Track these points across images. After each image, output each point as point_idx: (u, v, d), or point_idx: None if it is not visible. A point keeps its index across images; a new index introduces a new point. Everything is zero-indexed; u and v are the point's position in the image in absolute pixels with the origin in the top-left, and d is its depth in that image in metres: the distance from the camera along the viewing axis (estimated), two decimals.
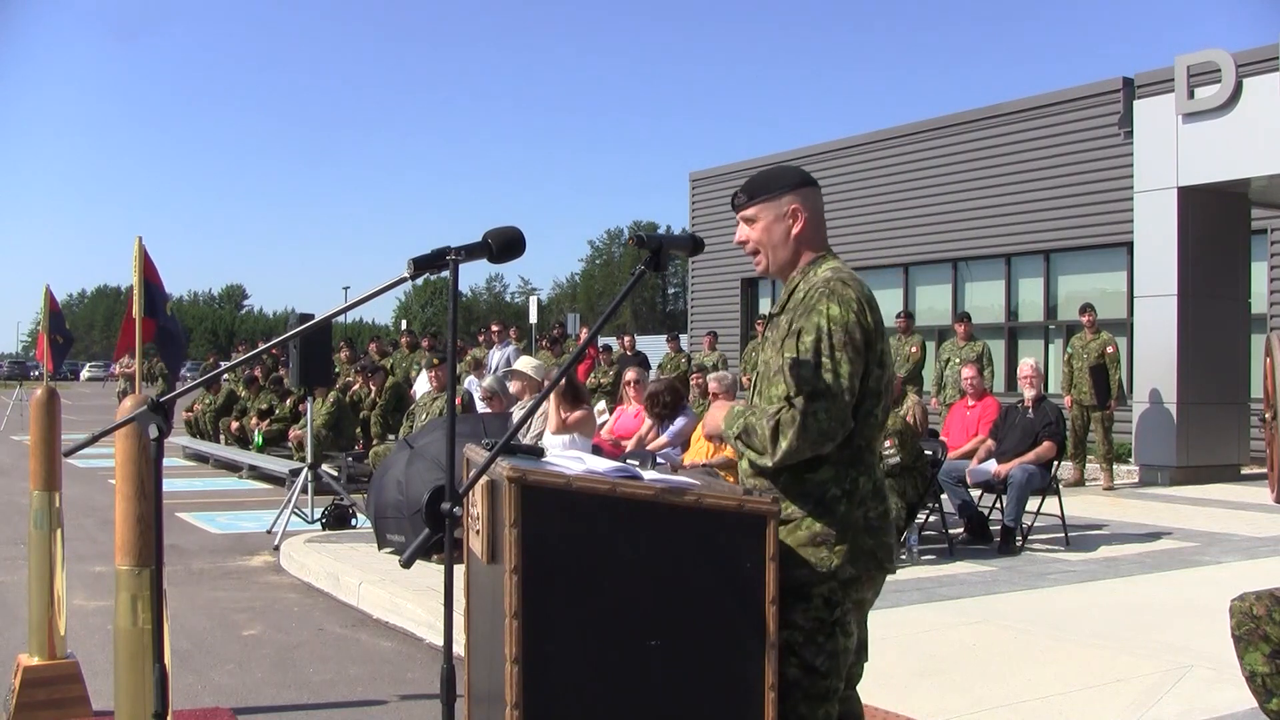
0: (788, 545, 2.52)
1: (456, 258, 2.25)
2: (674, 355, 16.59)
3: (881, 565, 2.60)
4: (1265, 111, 11.40)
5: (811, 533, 2.53)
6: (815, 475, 2.56)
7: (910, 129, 18.77)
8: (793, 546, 2.52)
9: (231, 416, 16.19)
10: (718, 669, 2.35)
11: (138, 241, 5.51)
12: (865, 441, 2.60)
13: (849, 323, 2.55)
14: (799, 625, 2.52)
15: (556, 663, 2.28)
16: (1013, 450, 8.17)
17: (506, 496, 2.26)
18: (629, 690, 2.32)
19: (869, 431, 2.61)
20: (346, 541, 8.28)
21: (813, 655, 2.53)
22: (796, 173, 2.80)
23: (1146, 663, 4.87)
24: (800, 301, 2.64)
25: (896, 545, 2.68)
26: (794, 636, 2.51)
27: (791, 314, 2.65)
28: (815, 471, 2.56)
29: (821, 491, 2.56)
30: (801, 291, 2.67)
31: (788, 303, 2.70)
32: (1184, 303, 12.14)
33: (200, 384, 3.96)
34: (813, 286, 2.63)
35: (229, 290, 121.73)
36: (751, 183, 2.76)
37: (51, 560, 4.31)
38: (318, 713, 4.73)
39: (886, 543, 2.61)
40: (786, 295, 2.73)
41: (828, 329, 2.53)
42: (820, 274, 2.67)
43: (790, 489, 2.57)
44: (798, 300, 2.66)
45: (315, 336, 9.27)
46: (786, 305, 2.70)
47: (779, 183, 2.74)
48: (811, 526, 2.54)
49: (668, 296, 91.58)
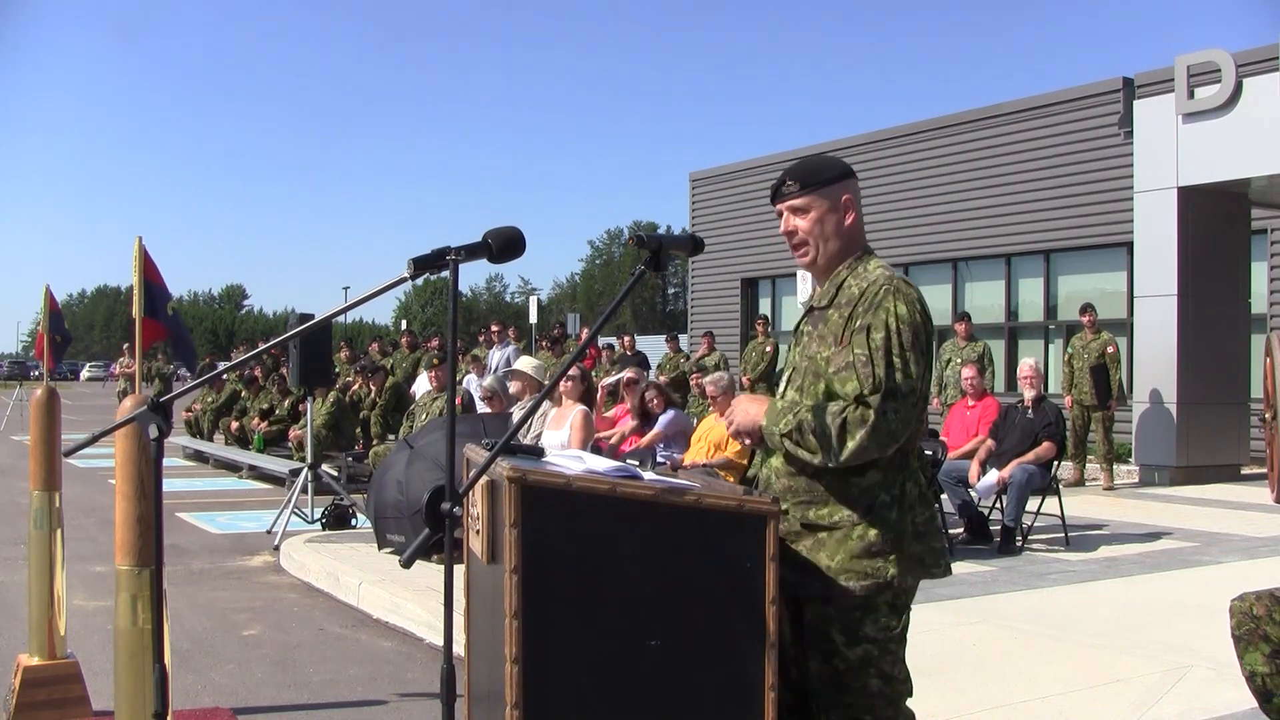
0: (840, 557, 2.47)
1: (456, 258, 2.25)
2: (673, 355, 16.58)
3: (929, 571, 2.57)
4: (1265, 111, 11.40)
5: (866, 542, 2.48)
6: (863, 480, 2.49)
7: (910, 129, 18.77)
8: (847, 557, 2.47)
9: (231, 416, 16.20)
10: (718, 669, 2.35)
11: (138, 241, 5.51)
12: (910, 445, 2.55)
13: (915, 323, 2.48)
14: (872, 638, 2.50)
15: (556, 663, 2.28)
16: (1013, 450, 8.16)
17: (506, 496, 2.26)
18: (629, 690, 2.32)
19: (913, 436, 2.56)
20: (346, 541, 8.28)
21: (890, 665, 2.52)
22: (842, 162, 2.70)
23: (1146, 663, 4.87)
24: (857, 298, 2.54)
25: (945, 550, 2.63)
26: (870, 650, 2.49)
27: (843, 310, 2.55)
28: (863, 476, 2.49)
29: (871, 498, 2.50)
30: (854, 287, 2.57)
31: (836, 297, 2.60)
32: (1184, 303, 12.14)
33: (200, 384, 3.96)
34: (871, 283, 2.54)
35: (229, 290, 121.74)
36: (801, 171, 2.63)
37: (51, 560, 4.31)
38: (318, 713, 4.73)
39: (934, 548, 2.58)
40: (834, 289, 2.61)
41: (896, 328, 2.46)
42: (875, 270, 2.58)
43: (836, 494, 2.51)
44: (851, 296, 2.56)
45: (315, 336, 9.27)
46: (835, 300, 2.59)
47: (830, 172, 2.64)
48: (864, 535, 2.48)
49: (668, 296, 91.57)
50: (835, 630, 2.50)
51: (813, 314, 2.66)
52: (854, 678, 2.50)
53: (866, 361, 2.45)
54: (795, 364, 2.67)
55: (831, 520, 2.50)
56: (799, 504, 2.56)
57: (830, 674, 2.51)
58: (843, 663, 2.50)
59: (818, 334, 2.61)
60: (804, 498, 2.55)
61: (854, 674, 2.50)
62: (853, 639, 2.49)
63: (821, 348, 2.57)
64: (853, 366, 2.47)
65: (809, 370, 2.59)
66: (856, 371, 2.46)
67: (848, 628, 2.50)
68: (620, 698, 2.32)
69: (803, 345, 2.66)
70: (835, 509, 2.51)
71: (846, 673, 2.50)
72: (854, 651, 2.49)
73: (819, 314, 2.63)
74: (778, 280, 21.12)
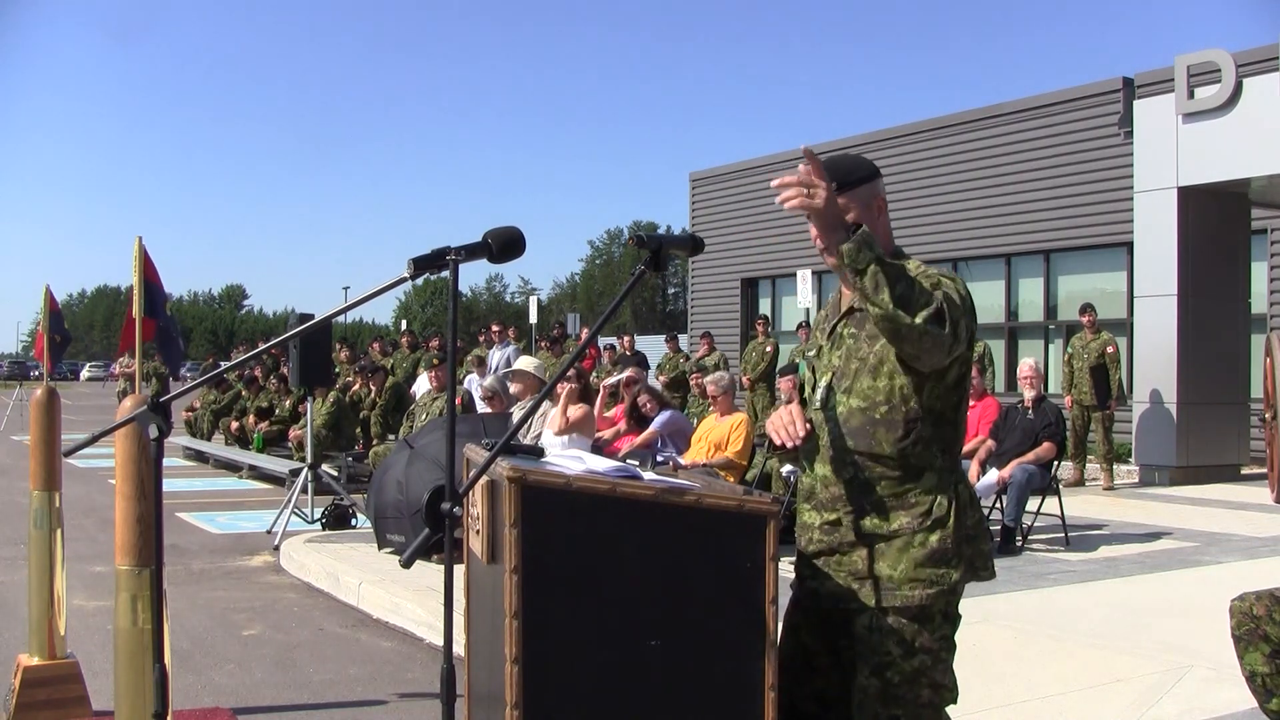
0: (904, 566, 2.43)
1: (456, 258, 2.25)
2: (673, 355, 16.58)
3: (978, 574, 2.53)
4: (1265, 111, 11.39)
5: (930, 550, 2.43)
6: (919, 485, 2.46)
7: (910, 129, 18.77)
8: (911, 566, 2.43)
9: (231, 416, 16.20)
10: (718, 669, 2.35)
11: (138, 241, 5.51)
12: (959, 449, 2.57)
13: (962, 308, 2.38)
14: (929, 648, 2.45)
15: (556, 663, 2.28)
16: (1013, 451, 8.17)
17: (506, 496, 2.26)
18: (629, 690, 2.32)
19: (961, 439, 2.57)
20: (346, 541, 8.27)
21: (941, 674, 2.47)
22: (870, 161, 2.64)
23: (1146, 663, 4.87)
24: None
25: (991, 552, 2.60)
26: (925, 661, 2.44)
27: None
28: (919, 481, 2.47)
29: (930, 503, 2.46)
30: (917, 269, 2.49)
31: None
32: (1184, 303, 12.13)
33: (200, 384, 3.95)
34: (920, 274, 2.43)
35: (229, 290, 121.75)
36: (835, 171, 2.50)
37: (51, 560, 4.31)
38: (318, 713, 4.73)
39: (983, 550, 2.55)
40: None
41: (954, 299, 2.35)
42: (921, 267, 2.50)
43: (893, 501, 2.47)
44: None
45: (315, 336, 9.27)
46: None
47: (862, 171, 2.57)
48: (927, 542, 2.44)
49: (668, 296, 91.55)
50: (892, 642, 2.44)
51: (854, 315, 2.57)
52: (907, 689, 2.44)
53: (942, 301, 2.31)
54: (837, 367, 2.57)
55: (891, 529, 2.46)
56: (850, 513, 2.50)
57: (880, 686, 2.44)
58: (897, 674, 2.44)
59: (866, 333, 2.52)
60: (855, 507, 2.49)
61: (908, 685, 2.44)
62: (909, 650, 2.44)
63: (875, 345, 2.49)
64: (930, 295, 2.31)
65: (860, 371, 2.51)
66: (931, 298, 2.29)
67: (904, 639, 2.44)
68: (620, 698, 2.32)
69: (846, 347, 2.56)
70: (893, 516, 2.46)
71: (900, 685, 2.44)
72: (910, 663, 2.44)
73: (863, 314, 2.51)
74: (778, 280, 21.12)
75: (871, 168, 2.62)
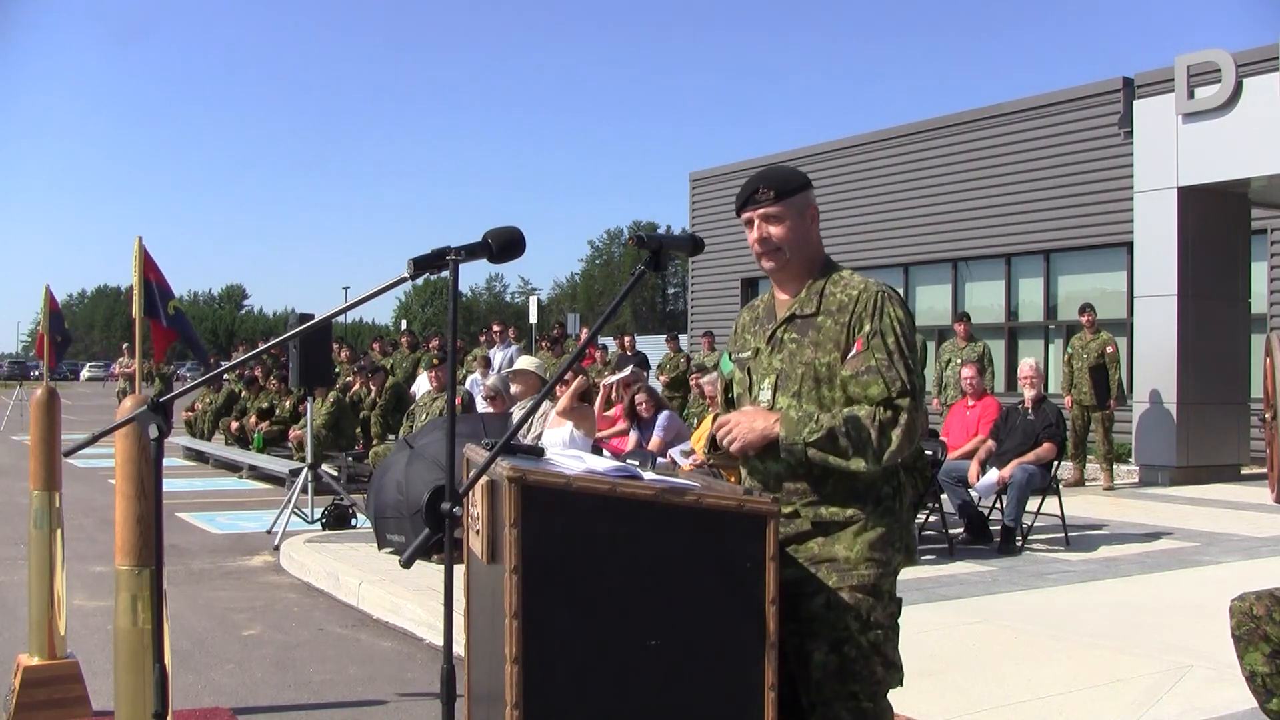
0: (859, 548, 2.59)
1: (456, 258, 2.25)
2: (673, 355, 16.58)
3: (911, 556, 2.70)
4: (1265, 111, 11.40)
5: (880, 534, 2.60)
6: (866, 476, 2.59)
7: (910, 129, 18.77)
8: (865, 547, 2.59)
9: (231, 416, 16.19)
10: (718, 669, 2.35)
11: (138, 241, 5.51)
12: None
13: (910, 327, 2.64)
14: (881, 623, 2.60)
15: (556, 663, 2.28)
16: (1013, 451, 8.17)
17: (506, 496, 2.26)
18: (629, 690, 2.32)
19: None
20: (346, 541, 8.28)
21: (890, 650, 2.62)
22: (802, 172, 2.82)
23: (1146, 663, 4.87)
24: (850, 304, 2.64)
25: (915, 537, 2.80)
26: (878, 636, 2.59)
27: (837, 316, 2.64)
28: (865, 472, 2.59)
29: (877, 492, 2.62)
30: (841, 295, 2.67)
31: (821, 304, 2.68)
32: (1184, 303, 12.14)
33: (201, 384, 3.95)
34: (861, 290, 2.65)
35: (229, 290, 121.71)
36: (774, 179, 2.71)
37: (51, 560, 4.31)
38: (318, 713, 4.73)
39: (913, 534, 2.78)
40: (816, 297, 2.69)
41: (901, 331, 2.60)
42: (855, 278, 2.71)
43: (844, 491, 2.61)
44: (841, 303, 2.65)
45: (315, 336, 9.27)
46: (822, 307, 2.67)
47: (797, 180, 2.74)
48: (878, 528, 2.60)
49: (668, 296, 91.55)
50: (850, 617, 2.57)
51: (795, 321, 2.72)
52: (863, 664, 2.57)
53: (889, 366, 2.57)
54: (780, 369, 2.71)
55: (845, 515, 2.60)
56: (808, 504, 2.63)
57: (838, 663, 2.56)
58: (854, 649, 2.56)
59: (810, 340, 2.67)
60: (812, 498, 2.63)
61: (864, 660, 2.57)
62: (865, 625, 2.57)
63: (819, 354, 2.65)
64: (875, 371, 2.57)
65: (807, 376, 2.65)
66: (882, 375, 2.56)
67: (861, 614, 2.57)
68: (620, 698, 2.32)
69: (788, 351, 2.70)
70: (845, 505, 2.60)
71: (857, 660, 2.56)
72: (866, 637, 2.57)
73: (805, 321, 2.70)
74: None
75: (804, 178, 2.79)
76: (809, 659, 2.57)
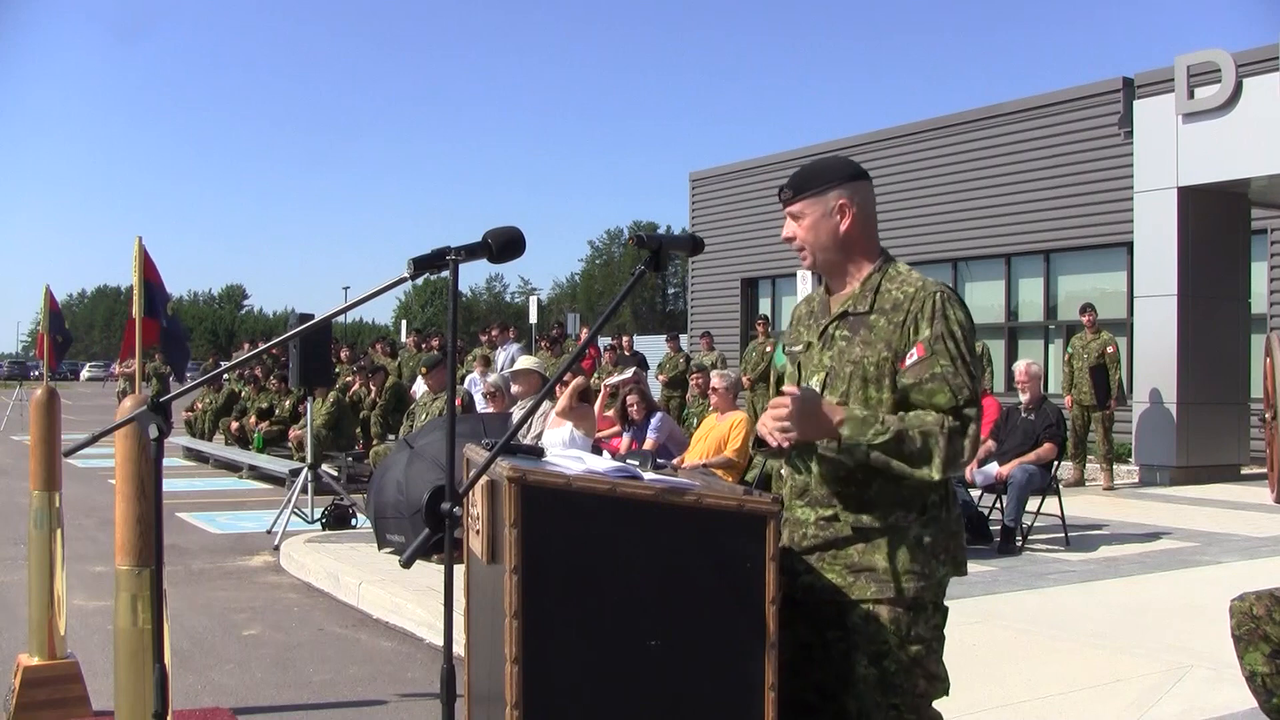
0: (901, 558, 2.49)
1: (456, 258, 2.25)
2: (673, 355, 16.58)
3: (959, 567, 2.60)
4: (1265, 111, 11.40)
5: (924, 544, 2.51)
6: (912, 482, 2.48)
7: (910, 129, 18.77)
8: (907, 558, 2.49)
9: (231, 416, 16.19)
10: (718, 669, 2.35)
11: (138, 241, 5.50)
12: None
13: (971, 331, 2.54)
14: (923, 637, 2.51)
15: (556, 663, 2.28)
16: (1014, 452, 8.17)
17: (506, 496, 2.26)
18: (629, 690, 2.32)
19: None
20: (346, 541, 8.28)
21: (934, 664, 2.54)
22: (846, 164, 2.66)
23: (1146, 663, 4.87)
24: (905, 303, 2.52)
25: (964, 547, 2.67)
26: (920, 650, 2.50)
27: (890, 315, 2.53)
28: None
29: (923, 499, 2.52)
30: (896, 292, 2.55)
31: (875, 302, 2.56)
32: (1184, 303, 12.14)
33: (200, 384, 3.95)
34: (918, 289, 2.53)
35: (229, 290, 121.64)
36: (798, 176, 2.63)
37: (51, 560, 4.31)
38: (318, 713, 4.73)
39: (963, 545, 2.63)
40: (870, 294, 2.57)
41: (963, 336, 2.50)
42: (912, 275, 2.59)
43: (888, 497, 2.51)
44: (896, 301, 2.54)
45: (315, 336, 9.27)
46: (876, 305, 2.56)
47: (825, 176, 2.61)
48: (921, 536, 2.51)
49: (668, 296, 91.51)
50: (889, 632, 2.49)
51: (847, 318, 2.60)
52: (904, 678, 2.50)
53: (955, 373, 2.47)
54: (829, 367, 2.60)
55: (886, 522, 2.51)
56: (848, 509, 2.54)
57: (878, 676, 2.49)
58: (894, 664, 2.49)
59: (860, 339, 2.56)
60: (853, 502, 2.53)
61: (904, 674, 2.50)
62: (906, 639, 2.50)
63: (869, 352, 2.54)
64: (942, 378, 2.47)
65: (855, 375, 2.54)
66: (948, 383, 2.47)
67: (901, 628, 2.50)
68: (620, 698, 2.32)
69: (838, 349, 2.59)
70: (888, 511, 2.51)
71: (897, 674, 2.49)
72: (906, 651, 2.50)
73: (857, 319, 2.58)
74: (778, 280, 21.12)
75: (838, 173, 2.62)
76: (852, 669, 2.51)
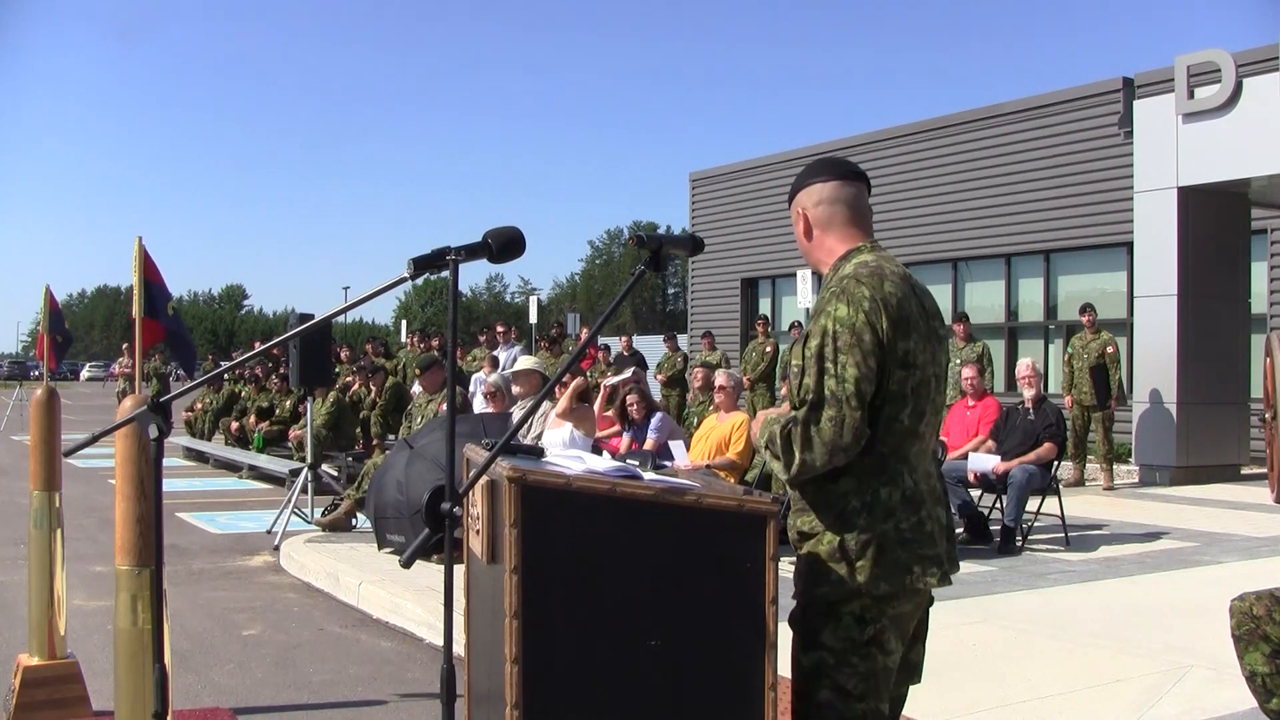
0: (816, 561, 2.44)
1: (456, 258, 2.25)
2: (671, 355, 16.59)
3: (917, 580, 2.43)
4: (1265, 111, 11.40)
5: (831, 548, 2.41)
6: (836, 487, 2.44)
7: (910, 129, 18.77)
8: (818, 564, 2.43)
9: (231, 416, 16.19)
10: (718, 669, 2.35)
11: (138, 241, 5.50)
12: (890, 449, 2.43)
13: (857, 323, 2.37)
14: (829, 646, 2.42)
15: (556, 663, 2.28)
16: (1014, 452, 8.17)
17: (506, 496, 2.26)
18: (629, 690, 2.32)
19: (893, 439, 2.43)
20: (346, 541, 8.28)
21: (845, 678, 2.41)
22: (806, 170, 2.67)
23: (1146, 663, 4.87)
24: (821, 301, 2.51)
25: (948, 554, 2.52)
26: (825, 658, 2.42)
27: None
28: (836, 483, 2.44)
29: (842, 504, 2.43)
30: (825, 290, 2.52)
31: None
32: (1184, 303, 12.14)
33: (200, 384, 3.95)
34: (832, 285, 2.49)
35: (229, 290, 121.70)
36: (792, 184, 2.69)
37: (51, 560, 4.31)
38: (318, 713, 4.73)
39: (926, 554, 2.43)
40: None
41: (833, 331, 2.39)
42: (841, 272, 2.52)
43: (814, 501, 2.47)
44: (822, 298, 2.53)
45: (315, 336, 9.27)
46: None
47: (793, 187, 2.68)
48: (831, 541, 2.42)
49: (668, 296, 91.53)
50: (796, 635, 2.49)
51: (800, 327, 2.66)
52: (807, 684, 2.45)
53: (799, 372, 2.44)
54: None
55: (811, 528, 2.47)
56: (795, 513, 2.53)
57: (794, 676, 2.49)
58: (797, 669, 2.47)
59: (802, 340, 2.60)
60: (798, 507, 2.52)
61: (807, 680, 2.45)
62: (807, 644, 2.45)
63: (793, 355, 2.55)
64: (796, 377, 2.46)
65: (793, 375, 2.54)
66: (796, 382, 2.45)
67: (806, 633, 2.47)
68: (620, 697, 2.32)
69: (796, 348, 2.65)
70: (815, 516, 2.47)
71: (801, 679, 2.46)
72: (807, 658, 2.45)
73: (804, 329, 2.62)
74: (778, 280, 21.12)
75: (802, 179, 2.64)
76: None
